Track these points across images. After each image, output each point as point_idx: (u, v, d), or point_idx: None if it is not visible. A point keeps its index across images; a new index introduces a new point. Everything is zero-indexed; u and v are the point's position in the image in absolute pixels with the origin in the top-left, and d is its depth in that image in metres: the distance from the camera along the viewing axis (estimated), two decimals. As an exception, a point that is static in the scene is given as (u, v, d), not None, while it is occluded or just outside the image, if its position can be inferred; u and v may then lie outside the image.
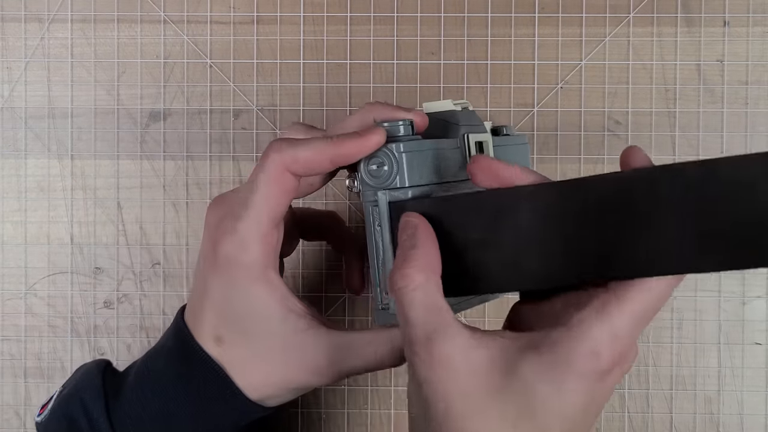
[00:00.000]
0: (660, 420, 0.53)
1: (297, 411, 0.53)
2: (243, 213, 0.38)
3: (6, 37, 0.53)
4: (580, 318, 0.32)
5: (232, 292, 0.38)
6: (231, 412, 0.40)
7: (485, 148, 0.41)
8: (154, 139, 0.53)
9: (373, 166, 0.37)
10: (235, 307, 0.39)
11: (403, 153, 0.36)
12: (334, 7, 0.53)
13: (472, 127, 0.41)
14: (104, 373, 0.42)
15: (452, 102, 0.41)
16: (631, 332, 0.33)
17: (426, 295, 0.33)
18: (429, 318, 0.33)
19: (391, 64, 0.53)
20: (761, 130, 0.53)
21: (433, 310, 0.33)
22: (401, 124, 0.37)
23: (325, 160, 0.37)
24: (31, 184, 0.53)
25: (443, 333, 0.33)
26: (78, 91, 0.53)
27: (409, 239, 0.35)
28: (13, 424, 0.53)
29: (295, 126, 0.42)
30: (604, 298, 0.33)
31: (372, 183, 0.37)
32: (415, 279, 0.33)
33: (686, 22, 0.52)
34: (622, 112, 0.53)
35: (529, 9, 0.52)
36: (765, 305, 0.53)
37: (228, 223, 0.38)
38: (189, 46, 0.53)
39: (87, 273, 0.53)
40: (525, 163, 0.46)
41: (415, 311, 0.33)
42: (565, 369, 0.32)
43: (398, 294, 0.34)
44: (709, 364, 0.53)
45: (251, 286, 0.38)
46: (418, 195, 0.37)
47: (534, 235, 0.34)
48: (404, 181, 0.37)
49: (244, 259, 0.38)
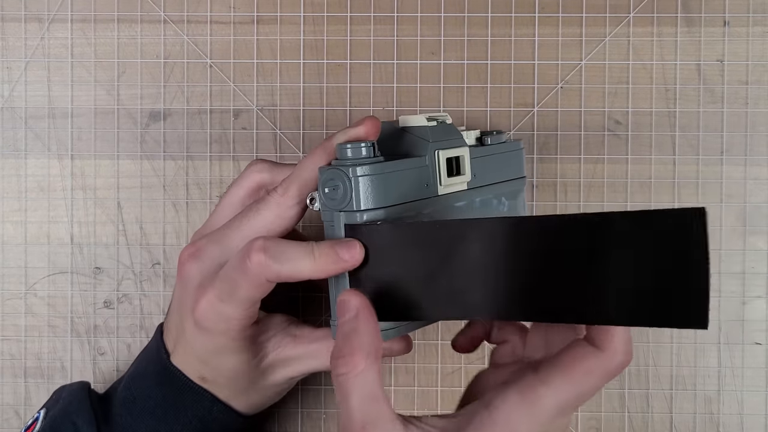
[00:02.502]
0: (660, 420, 0.53)
1: (297, 411, 0.53)
2: (226, 298, 0.39)
3: (6, 37, 0.53)
4: (503, 398, 0.33)
5: (212, 353, 0.41)
6: (220, 425, 0.43)
7: (461, 163, 0.41)
8: (154, 139, 0.53)
9: (329, 189, 0.37)
10: (215, 363, 0.41)
11: (359, 177, 0.37)
12: (334, 7, 0.53)
13: (447, 142, 0.40)
14: (90, 396, 0.44)
15: (425, 117, 0.41)
16: (554, 419, 0.33)
17: (365, 383, 0.34)
18: (366, 407, 0.34)
19: (391, 64, 0.53)
20: (761, 130, 0.53)
21: (371, 400, 0.34)
22: (363, 146, 0.37)
23: (305, 275, 0.37)
24: (31, 184, 0.53)
25: (378, 423, 0.33)
26: (78, 91, 0.53)
27: (350, 322, 0.35)
28: (13, 424, 0.53)
29: (258, 164, 0.44)
30: (529, 381, 0.33)
31: (329, 205, 0.38)
32: (357, 366, 0.34)
33: (686, 22, 0.52)
34: (622, 112, 0.53)
35: (529, 9, 0.52)
36: (765, 305, 0.53)
37: (212, 299, 0.39)
38: (189, 46, 0.53)
39: (87, 273, 0.53)
40: (518, 170, 0.45)
41: (353, 400, 0.34)
42: None
43: (339, 380, 0.34)
44: (709, 364, 0.53)
45: (230, 354, 0.41)
46: (374, 218, 0.37)
47: (478, 267, 0.34)
48: (359, 205, 0.37)
49: (224, 330, 0.40)
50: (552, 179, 0.53)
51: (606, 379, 0.33)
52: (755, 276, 0.53)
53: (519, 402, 0.33)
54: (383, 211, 0.37)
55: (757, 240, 0.53)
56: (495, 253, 0.33)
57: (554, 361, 0.33)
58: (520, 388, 0.33)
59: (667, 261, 0.29)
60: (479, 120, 0.53)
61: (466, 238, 0.34)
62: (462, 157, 0.41)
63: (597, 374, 0.33)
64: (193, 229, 0.53)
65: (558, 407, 0.33)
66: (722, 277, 0.52)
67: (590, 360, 0.33)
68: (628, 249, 0.30)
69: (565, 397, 0.33)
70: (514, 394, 0.33)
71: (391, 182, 0.38)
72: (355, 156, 0.37)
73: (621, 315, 0.30)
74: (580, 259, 0.31)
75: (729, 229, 0.53)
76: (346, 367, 0.34)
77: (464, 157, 0.41)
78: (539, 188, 0.53)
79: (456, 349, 0.43)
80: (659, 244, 0.29)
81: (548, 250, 0.32)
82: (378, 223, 0.37)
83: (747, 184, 0.52)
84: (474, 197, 0.42)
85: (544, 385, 0.33)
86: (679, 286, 0.29)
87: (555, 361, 0.33)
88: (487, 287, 0.34)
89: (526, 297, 0.33)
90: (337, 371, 0.34)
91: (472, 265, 0.34)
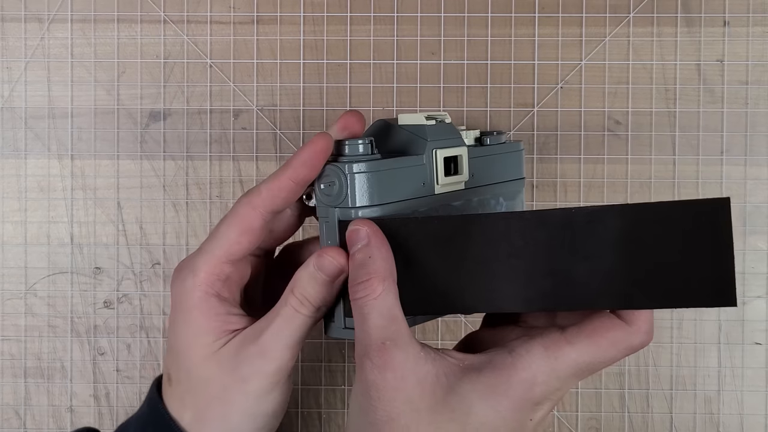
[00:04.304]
0: (660, 420, 0.53)
1: (297, 411, 0.53)
2: (200, 249, 0.39)
3: (6, 37, 0.53)
4: (528, 348, 0.35)
5: (176, 317, 0.40)
6: None
7: (459, 162, 0.41)
8: (154, 139, 0.53)
9: (325, 185, 0.38)
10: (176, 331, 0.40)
11: (355, 174, 0.37)
12: (334, 7, 0.53)
13: (446, 141, 0.41)
14: None
15: (425, 116, 0.41)
16: (569, 377, 0.35)
17: (384, 305, 0.35)
18: (386, 326, 0.35)
19: (391, 64, 0.53)
20: (761, 130, 0.53)
21: (390, 319, 0.35)
22: (360, 143, 0.38)
23: (284, 180, 0.38)
24: (31, 184, 0.53)
25: (397, 341, 0.35)
26: (78, 91, 0.53)
27: (364, 249, 0.36)
28: (13, 424, 0.53)
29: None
30: (555, 338, 0.35)
31: (324, 201, 0.38)
32: (376, 289, 0.35)
33: (686, 22, 0.52)
34: (622, 112, 0.53)
35: (529, 9, 0.52)
36: (765, 305, 0.53)
37: (185, 261, 0.40)
38: (189, 46, 0.53)
39: (87, 273, 0.53)
40: (518, 171, 0.45)
41: (373, 319, 0.35)
42: (502, 392, 0.34)
43: (359, 303, 0.35)
44: (709, 364, 0.53)
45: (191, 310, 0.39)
46: (369, 215, 0.37)
47: (478, 262, 0.35)
48: (355, 201, 0.37)
49: (190, 283, 0.39)
50: (552, 179, 0.53)
51: (625, 353, 0.35)
52: (755, 276, 0.53)
53: (542, 354, 0.35)
54: (379, 208, 0.37)
55: (757, 240, 0.53)
56: (516, 247, 0.35)
57: (582, 326, 0.35)
58: (545, 343, 0.35)
59: (699, 247, 0.32)
60: (479, 120, 0.53)
61: (467, 234, 0.35)
62: (460, 156, 0.41)
63: (620, 347, 0.35)
64: (193, 229, 0.53)
65: (576, 367, 0.35)
66: (722, 277, 0.52)
67: (617, 332, 0.35)
68: (663, 238, 0.32)
69: (585, 360, 0.35)
70: (539, 347, 0.35)
71: (388, 180, 0.38)
72: (352, 153, 0.38)
73: (656, 298, 0.33)
74: (614, 247, 0.33)
75: (729, 229, 0.53)
76: (365, 291, 0.35)
77: (462, 157, 0.41)
78: (539, 188, 0.53)
79: None
80: (691, 232, 0.32)
81: (572, 241, 0.34)
82: (375, 219, 0.37)
83: (747, 184, 0.52)
84: (471, 197, 0.42)
85: (569, 345, 0.35)
86: (710, 269, 0.32)
87: (582, 326, 0.35)
88: (513, 283, 0.35)
89: (563, 288, 0.34)
90: (356, 296, 0.35)
91: (472, 259, 0.35)
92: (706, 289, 0.32)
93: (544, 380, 0.34)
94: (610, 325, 0.35)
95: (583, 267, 0.33)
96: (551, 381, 0.35)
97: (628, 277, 0.33)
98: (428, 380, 0.35)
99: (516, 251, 0.35)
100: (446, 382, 0.35)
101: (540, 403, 0.35)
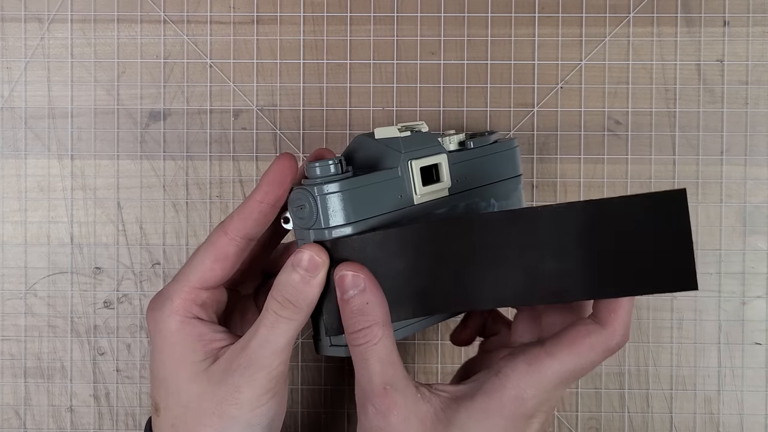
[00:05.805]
0: (660, 420, 0.53)
1: (297, 411, 0.53)
2: (174, 278, 0.40)
3: (6, 37, 0.53)
4: (513, 367, 0.37)
5: (157, 345, 0.40)
6: None
7: (439, 170, 0.41)
8: (154, 139, 0.53)
9: (296, 208, 0.38)
10: (160, 359, 0.39)
11: (325, 195, 0.37)
12: (334, 7, 0.53)
13: (421, 151, 0.40)
14: None
15: (398, 128, 0.41)
16: (555, 387, 0.37)
17: (383, 350, 0.36)
18: (386, 371, 0.36)
19: (391, 64, 0.53)
20: (761, 130, 0.53)
21: (389, 364, 0.36)
22: (331, 163, 0.38)
23: (253, 202, 0.38)
24: (31, 184, 0.53)
25: (397, 384, 0.36)
26: (78, 91, 0.53)
27: (361, 295, 0.37)
28: (13, 424, 0.53)
29: None
30: (536, 353, 0.37)
31: (299, 224, 0.38)
32: (377, 335, 0.36)
33: (686, 22, 0.52)
34: (622, 112, 0.53)
35: (529, 9, 0.52)
36: (765, 305, 0.53)
37: (159, 292, 0.40)
38: (189, 46, 0.53)
39: (87, 273, 0.53)
40: (512, 169, 0.45)
41: (374, 365, 0.36)
42: (496, 413, 0.36)
43: (360, 350, 0.36)
44: (709, 364, 0.53)
45: (173, 334, 0.39)
46: (342, 234, 0.37)
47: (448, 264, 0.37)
48: (328, 222, 0.37)
49: (167, 310, 0.39)
50: (552, 179, 0.53)
51: (604, 356, 0.37)
52: (755, 276, 0.53)
53: (526, 370, 0.36)
54: (351, 226, 0.37)
55: (757, 240, 0.53)
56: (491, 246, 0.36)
57: (560, 337, 0.37)
58: (527, 359, 0.37)
59: (660, 236, 0.34)
60: (479, 120, 0.53)
61: (436, 238, 0.37)
62: (440, 164, 0.41)
63: (598, 350, 0.36)
64: (193, 229, 0.53)
65: (560, 377, 0.36)
66: (722, 277, 0.52)
67: (593, 336, 0.36)
68: (626, 230, 0.34)
69: (568, 368, 0.36)
70: (522, 363, 0.37)
71: (362, 196, 0.38)
72: (323, 174, 0.38)
73: (623, 287, 0.35)
74: (580, 242, 0.35)
75: (729, 229, 0.53)
76: (366, 338, 0.36)
77: (442, 165, 0.41)
78: (539, 188, 0.53)
79: (455, 343, 0.47)
80: (652, 222, 0.34)
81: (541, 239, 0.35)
82: (348, 237, 0.37)
83: (747, 184, 0.52)
84: (458, 202, 0.42)
85: (550, 357, 0.36)
86: (672, 256, 0.34)
87: (560, 337, 0.37)
88: (484, 281, 0.36)
89: (535, 283, 0.36)
90: (357, 342, 0.36)
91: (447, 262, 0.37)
92: (669, 275, 0.34)
93: (533, 394, 0.36)
94: (585, 331, 0.37)
95: (553, 262, 0.35)
96: (540, 394, 0.36)
97: (596, 269, 0.35)
98: (428, 418, 0.36)
99: (486, 250, 0.36)
100: (444, 416, 0.37)
101: (533, 415, 0.37)
